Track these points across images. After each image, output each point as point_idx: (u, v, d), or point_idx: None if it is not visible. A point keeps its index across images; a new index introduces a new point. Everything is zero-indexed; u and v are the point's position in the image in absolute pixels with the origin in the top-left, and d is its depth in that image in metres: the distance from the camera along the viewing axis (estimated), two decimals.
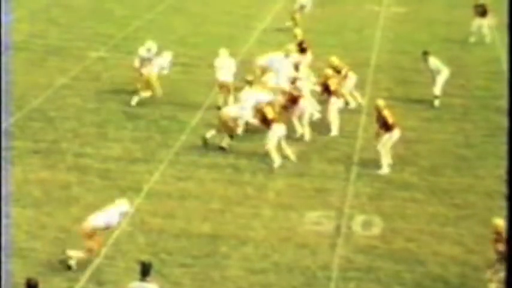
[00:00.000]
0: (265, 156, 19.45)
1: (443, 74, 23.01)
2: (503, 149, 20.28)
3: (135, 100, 22.19)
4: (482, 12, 29.25)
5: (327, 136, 20.78)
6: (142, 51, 22.59)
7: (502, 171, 19.05)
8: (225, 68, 22.26)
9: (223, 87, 22.33)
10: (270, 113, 19.33)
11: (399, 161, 19.47)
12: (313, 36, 27.47)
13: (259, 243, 15.76)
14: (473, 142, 20.91)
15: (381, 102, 19.32)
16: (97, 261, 14.90)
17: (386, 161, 18.97)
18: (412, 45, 27.69)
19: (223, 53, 22.54)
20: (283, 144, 19.31)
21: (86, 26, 30.46)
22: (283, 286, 14.48)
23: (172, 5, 34.35)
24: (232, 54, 24.28)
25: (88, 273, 14.59)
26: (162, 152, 19.70)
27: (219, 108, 21.71)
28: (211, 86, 23.95)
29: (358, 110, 22.48)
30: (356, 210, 17.18)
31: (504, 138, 20.90)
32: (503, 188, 18.09)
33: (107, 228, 14.76)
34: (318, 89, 21.50)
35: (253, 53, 25.94)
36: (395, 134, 19.10)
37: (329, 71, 21.37)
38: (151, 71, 22.37)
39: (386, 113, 19.04)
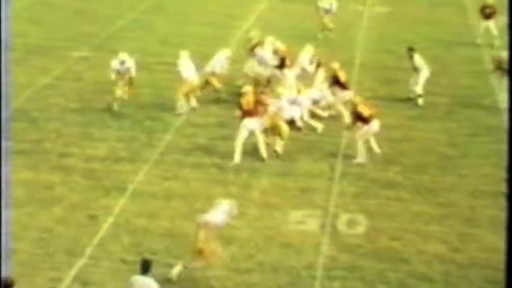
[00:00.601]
0: (250, 155, 19.56)
1: (424, 73, 23.22)
2: (487, 148, 20.54)
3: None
4: (489, 14, 28.65)
5: (312, 135, 20.89)
6: (115, 64, 21.88)
7: (486, 170, 19.27)
8: (190, 69, 22.19)
9: (191, 88, 22.24)
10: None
11: (383, 160, 19.61)
12: (295, 34, 27.60)
13: (243, 242, 15.84)
14: (457, 141, 21.07)
15: (356, 99, 19.87)
16: (81, 261, 14.95)
17: (362, 150, 19.33)
18: (396, 45, 27.84)
19: (184, 55, 22.43)
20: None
21: (68, 26, 30.44)
22: (268, 286, 14.57)
23: (155, 4, 34.37)
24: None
25: (72, 273, 14.62)
26: (147, 151, 19.76)
27: (193, 109, 21.77)
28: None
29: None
30: (340, 209, 17.29)
31: (487, 138, 21.17)
32: (487, 187, 18.31)
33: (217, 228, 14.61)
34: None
35: (237, 52, 25.99)
36: (374, 125, 19.41)
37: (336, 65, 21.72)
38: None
39: (361, 108, 19.47)
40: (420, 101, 23.18)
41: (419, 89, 23.25)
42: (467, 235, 16.24)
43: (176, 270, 14.46)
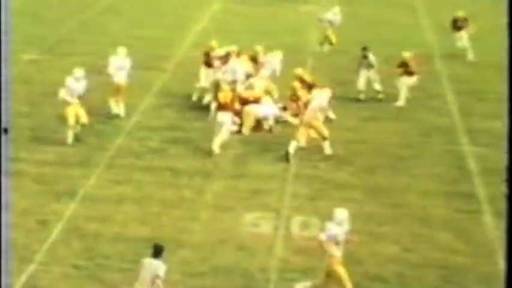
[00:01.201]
0: (203, 157, 19.55)
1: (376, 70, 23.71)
2: (439, 148, 20.73)
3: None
4: (460, 26, 28.07)
5: (264, 137, 20.91)
6: (71, 82, 20.06)
7: (438, 170, 19.44)
8: (122, 69, 21.78)
9: (118, 90, 21.88)
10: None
11: (337, 161, 19.71)
12: (250, 38, 27.62)
13: (197, 246, 15.80)
14: (410, 142, 21.23)
15: (296, 84, 20.54)
16: (32, 267, 14.79)
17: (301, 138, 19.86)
18: (350, 46, 27.97)
19: (121, 52, 21.93)
20: None
21: (18, 28, 30.09)
22: None
23: (107, 6, 34.18)
24: (169, 56, 24.36)
25: (23, 279, 14.47)
26: (98, 155, 19.63)
27: (117, 115, 21.52)
28: (146, 88, 23.97)
29: None
30: (294, 211, 17.33)
31: (439, 138, 21.38)
32: (439, 187, 18.48)
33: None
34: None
35: (190, 54, 25.97)
36: (309, 114, 19.78)
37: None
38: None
39: (300, 93, 20.22)
40: (381, 96, 23.51)
41: (377, 85, 23.62)
42: (420, 235, 16.36)
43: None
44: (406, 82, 23.58)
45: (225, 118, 19.98)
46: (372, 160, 19.97)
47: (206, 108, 22.50)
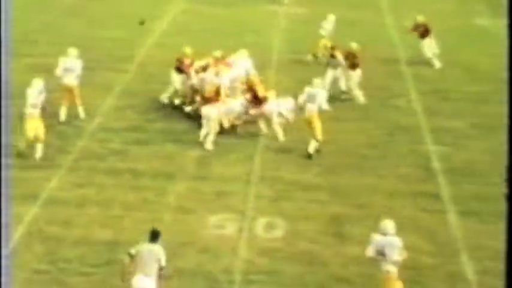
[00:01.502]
0: (165, 159, 19.47)
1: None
2: (405, 148, 20.80)
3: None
4: (422, 32, 27.54)
5: (228, 139, 20.84)
6: (31, 95, 19.24)
7: (404, 170, 19.51)
8: (71, 70, 21.42)
9: (68, 91, 21.49)
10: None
11: (302, 162, 19.69)
12: (211, 36, 27.55)
13: None
14: (375, 142, 21.28)
15: (254, 78, 20.63)
16: None
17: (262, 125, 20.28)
18: (313, 45, 27.96)
19: (72, 53, 21.60)
20: None
21: None
22: None
23: (69, 7, 33.93)
24: (131, 57, 24.21)
25: None
26: (60, 157, 19.44)
27: (63, 122, 21.29)
28: (108, 89, 23.82)
29: None
30: (258, 212, 17.29)
31: (404, 138, 21.46)
32: (405, 187, 18.54)
33: None
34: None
35: (152, 55, 25.85)
36: (268, 107, 20.14)
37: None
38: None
39: (258, 87, 20.31)
40: (344, 96, 23.65)
41: (343, 85, 23.81)
42: None
43: None
44: (351, 75, 23.61)
45: (211, 112, 20.15)
46: (337, 160, 19.98)
47: (168, 109, 22.42)
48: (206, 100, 20.65)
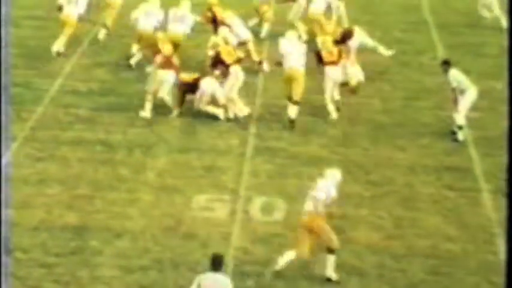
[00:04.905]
0: (143, 128, 19.52)
1: None
2: (427, 114, 20.86)
3: None
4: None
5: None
6: None
7: (425, 140, 19.58)
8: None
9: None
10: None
11: (305, 131, 19.76)
12: None
13: (137, 235, 15.81)
14: (392, 107, 21.34)
15: (217, 40, 20.86)
16: None
17: (239, 102, 20.17)
18: None
19: None
20: None
21: None
22: (167, 286, 14.57)
23: None
24: (100, 4, 24.19)
25: None
26: (15, 127, 19.47)
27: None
28: (73, 44, 23.78)
29: (256, 72, 22.69)
30: (254, 191, 17.39)
31: (427, 102, 21.52)
32: (427, 160, 18.62)
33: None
34: None
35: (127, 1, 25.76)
36: (239, 74, 20.27)
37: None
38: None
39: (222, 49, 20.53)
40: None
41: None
42: (404, 219, 16.50)
43: None
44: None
45: (168, 77, 20.21)
46: (347, 129, 20.05)
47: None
48: (164, 63, 20.50)
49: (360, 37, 22.51)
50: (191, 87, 20.28)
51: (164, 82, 20.27)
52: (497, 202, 17.05)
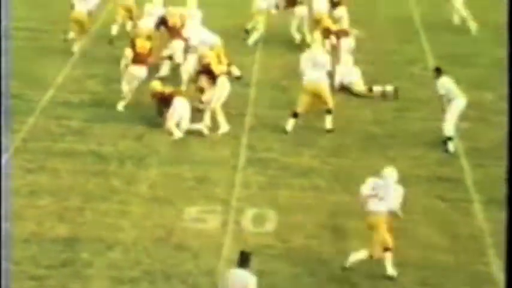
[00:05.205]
0: (135, 140, 19.51)
1: None
2: (418, 125, 20.88)
3: None
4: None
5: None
6: None
7: (417, 151, 19.59)
8: None
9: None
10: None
11: (296, 142, 19.77)
12: None
13: (128, 246, 15.80)
14: (383, 117, 21.35)
15: (209, 52, 20.65)
16: None
17: (222, 117, 20.07)
18: None
19: None
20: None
21: None
22: None
23: None
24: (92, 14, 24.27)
25: None
26: (6, 137, 19.43)
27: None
28: (65, 55, 23.79)
29: (247, 83, 22.72)
30: (246, 202, 17.38)
31: (418, 113, 21.53)
32: (419, 171, 18.61)
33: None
34: None
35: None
36: (226, 86, 20.17)
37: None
38: None
39: (214, 62, 20.42)
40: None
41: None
42: (396, 230, 16.42)
43: None
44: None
45: (141, 72, 20.85)
46: (338, 140, 20.06)
47: None
48: (137, 58, 21.03)
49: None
50: (165, 102, 20.24)
51: (136, 78, 20.95)
52: (489, 213, 17.07)
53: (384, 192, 15.08)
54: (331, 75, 21.30)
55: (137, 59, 20.96)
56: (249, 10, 26.04)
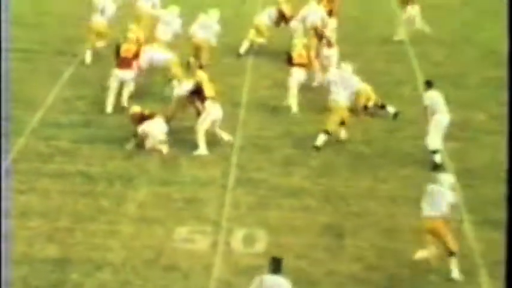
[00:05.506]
0: (124, 160, 19.50)
1: None
2: (408, 144, 20.90)
3: None
4: None
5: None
6: None
7: (407, 171, 19.60)
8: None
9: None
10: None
11: (286, 162, 19.77)
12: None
13: (118, 267, 15.74)
14: (373, 137, 21.37)
15: (201, 74, 20.84)
16: None
17: (202, 140, 20.04)
18: None
19: None
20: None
21: None
22: None
23: None
24: (82, 37, 24.25)
25: None
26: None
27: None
28: (56, 76, 23.80)
29: (237, 104, 22.75)
30: (235, 223, 17.35)
31: (408, 132, 21.57)
32: (408, 191, 18.63)
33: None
34: None
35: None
36: (212, 110, 20.17)
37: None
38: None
39: (206, 84, 20.49)
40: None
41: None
42: (386, 250, 16.48)
43: None
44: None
45: (126, 75, 21.66)
46: (328, 160, 20.06)
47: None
48: (122, 62, 21.75)
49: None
50: (144, 121, 20.28)
51: (122, 82, 21.73)
52: (480, 233, 17.07)
53: (439, 197, 15.66)
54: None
55: (122, 64, 21.71)
56: (242, 31, 26.13)
